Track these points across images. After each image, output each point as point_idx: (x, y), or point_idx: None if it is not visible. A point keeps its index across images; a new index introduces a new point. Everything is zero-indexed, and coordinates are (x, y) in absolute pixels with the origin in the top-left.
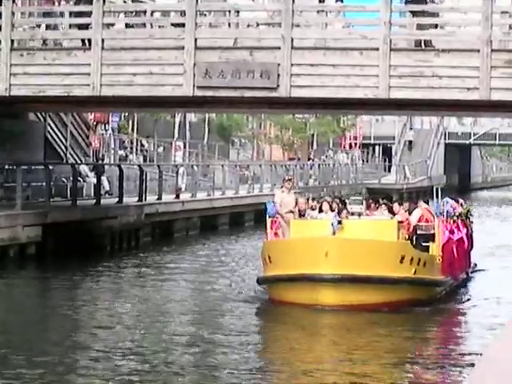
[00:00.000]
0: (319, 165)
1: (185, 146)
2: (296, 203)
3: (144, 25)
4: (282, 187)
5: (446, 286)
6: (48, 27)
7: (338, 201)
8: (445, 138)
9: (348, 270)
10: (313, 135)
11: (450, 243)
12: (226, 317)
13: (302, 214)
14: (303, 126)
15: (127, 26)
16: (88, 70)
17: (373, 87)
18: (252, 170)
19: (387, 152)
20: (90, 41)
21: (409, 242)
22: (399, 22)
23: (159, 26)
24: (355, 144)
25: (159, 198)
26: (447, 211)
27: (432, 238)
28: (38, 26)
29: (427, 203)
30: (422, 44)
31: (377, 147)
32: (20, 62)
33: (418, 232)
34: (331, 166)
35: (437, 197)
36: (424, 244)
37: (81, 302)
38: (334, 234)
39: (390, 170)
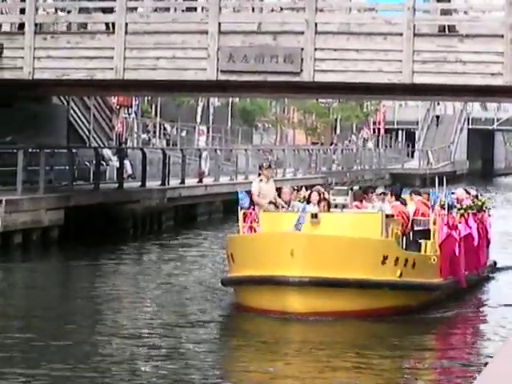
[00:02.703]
0: (342, 149)
1: (208, 131)
2: (280, 194)
3: (167, 9)
4: (259, 175)
5: (444, 289)
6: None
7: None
8: (468, 124)
9: (317, 271)
10: (336, 120)
11: (450, 240)
12: (187, 322)
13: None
14: (326, 111)
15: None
16: (111, 54)
17: (396, 72)
18: (275, 154)
19: (410, 137)
20: (113, 24)
21: (394, 240)
22: (423, 7)
23: (182, 10)
24: (377, 129)
25: (182, 182)
26: (449, 204)
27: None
28: (62, 9)
29: (420, 195)
30: (446, 29)
31: (400, 132)
32: (44, 46)
33: (415, 228)
34: (354, 151)
35: (441, 186)
36: (421, 241)
37: (103, 285)
38: (298, 230)
39: (413, 155)
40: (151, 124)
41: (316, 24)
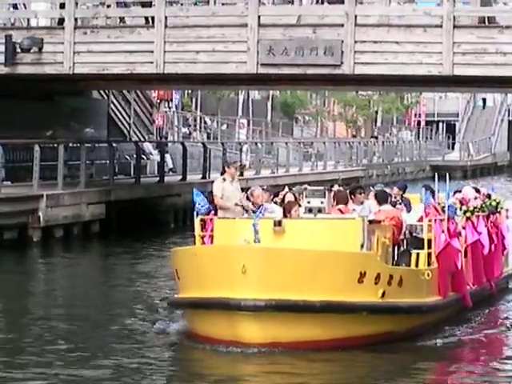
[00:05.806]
0: (383, 142)
1: (248, 124)
2: (250, 196)
3: (207, 2)
4: (222, 174)
5: (444, 310)
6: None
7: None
8: (508, 115)
9: (276, 293)
10: (376, 112)
11: (449, 250)
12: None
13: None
14: (367, 103)
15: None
16: (151, 48)
17: (436, 64)
18: (316, 147)
19: (451, 129)
20: (153, 18)
21: (375, 252)
22: None
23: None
24: (418, 122)
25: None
26: (450, 206)
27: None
28: (102, 3)
29: (433, 193)
30: (486, 21)
31: (440, 124)
32: (83, 40)
33: (413, 236)
34: (395, 143)
35: (443, 182)
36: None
37: (145, 278)
38: (256, 241)
39: (453, 147)
40: (191, 118)
41: (356, 16)
